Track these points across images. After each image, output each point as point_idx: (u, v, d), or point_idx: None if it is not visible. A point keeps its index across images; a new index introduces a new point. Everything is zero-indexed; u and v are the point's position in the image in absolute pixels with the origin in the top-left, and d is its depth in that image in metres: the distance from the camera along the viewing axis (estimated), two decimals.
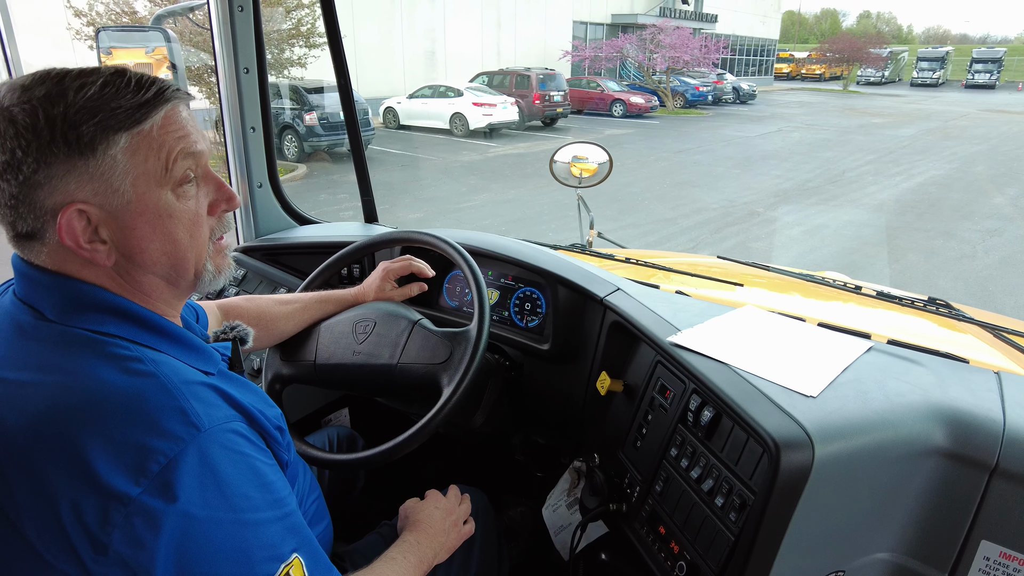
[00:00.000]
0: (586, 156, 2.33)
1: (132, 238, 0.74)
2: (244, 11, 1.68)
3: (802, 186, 10.87)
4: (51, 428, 0.65)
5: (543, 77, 18.13)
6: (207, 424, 0.68)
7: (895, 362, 1.12)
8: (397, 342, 1.23)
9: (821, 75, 44.11)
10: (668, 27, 24.46)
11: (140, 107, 0.72)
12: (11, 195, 0.69)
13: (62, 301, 0.73)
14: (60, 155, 0.68)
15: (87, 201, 0.71)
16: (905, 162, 13.34)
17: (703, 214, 8.93)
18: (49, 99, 0.68)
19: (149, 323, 0.77)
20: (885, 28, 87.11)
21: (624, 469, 1.24)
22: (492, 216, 8.94)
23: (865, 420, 0.94)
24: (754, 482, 0.92)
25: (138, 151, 0.72)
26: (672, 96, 23.96)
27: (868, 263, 6.93)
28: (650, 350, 1.23)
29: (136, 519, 0.62)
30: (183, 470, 0.65)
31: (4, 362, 0.71)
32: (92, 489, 0.63)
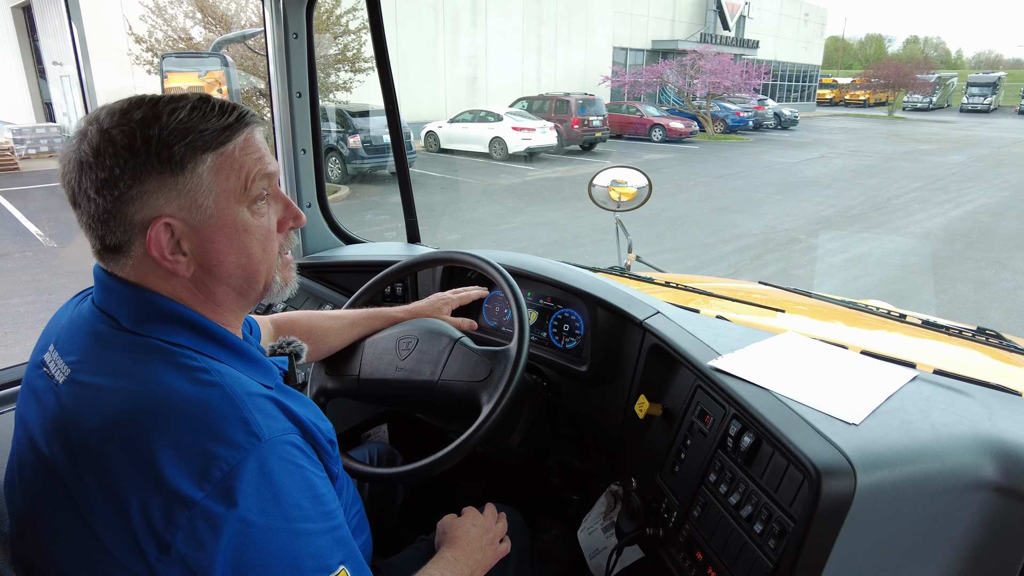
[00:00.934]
0: (625, 180, 2.35)
1: (211, 251, 0.79)
2: (298, 38, 1.76)
3: (845, 213, 10.67)
4: (123, 431, 0.69)
5: (582, 102, 18.25)
6: (267, 435, 0.71)
7: (941, 392, 1.10)
8: (438, 359, 1.26)
9: (865, 101, 43.39)
10: (709, 53, 24.40)
11: (224, 130, 0.78)
12: (104, 210, 0.75)
13: (137, 311, 0.78)
14: (153, 172, 0.74)
15: (173, 215, 0.76)
16: (954, 189, 12.99)
17: (743, 240, 8.82)
18: (145, 122, 0.74)
19: (216, 336, 0.81)
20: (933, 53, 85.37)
21: (661, 494, 1.23)
22: (530, 238, 8.99)
23: (909, 450, 0.92)
24: (794, 509, 0.91)
25: (221, 170, 0.78)
26: (712, 121, 23.83)
27: (914, 292, 6.74)
28: (690, 374, 1.23)
29: (199, 522, 0.65)
30: (243, 478, 0.68)
31: (82, 367, 0.76)
32: (159, 491, 0.66)
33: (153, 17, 11.86)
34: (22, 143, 14.77)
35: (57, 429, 0.74)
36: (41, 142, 15.27)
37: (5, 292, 6.50)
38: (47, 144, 15.34)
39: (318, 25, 12.36)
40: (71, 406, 0.74)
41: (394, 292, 1.81)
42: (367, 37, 14.03)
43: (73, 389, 0.75)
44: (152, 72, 11.70)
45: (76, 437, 0.72)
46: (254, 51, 2.36)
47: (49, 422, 0.75)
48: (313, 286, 1.90)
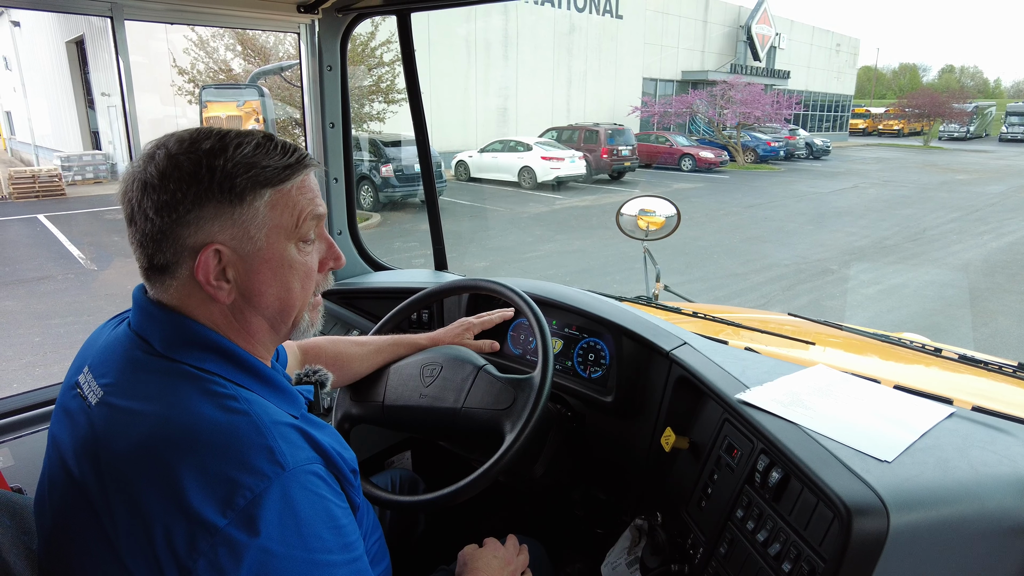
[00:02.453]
0: (653, 209, 2.35)
1: (254, 281, 0.82)
2: (333, 70, 1.81)
3: (879, 244, 10.47)
4: (151, 456, 0.71)
5: (611, 132, 18.35)
6: (291, 464, 0.72)
7: (980, 430, 1.06)
8: (462, 386, 1.26)
9: (899, 131, 42.79)
10: (739, 83, 24.42)
11: (285, 168, 0.82)
12: (160, 230, 0.77)
13: (172, 336, 0.80)
14: (213, 200, 0.78)
15: (225, 243, 0.79)
16: (994, 220, 12.68)
17: (774, 270, 8.71)
18: (212, 152, 0.78)
19: (246, 364, 0.83)
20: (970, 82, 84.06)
21: (687, 529, 1.20)
22: (557, 266, 9.00)
23: (946, 490, 0.89)
24: (824, 549, 0.88)
25: (276, 206, 0.81)
26: (743, 151, 23.73)
27: (952, 326, 6.55)
28: (717, 407, 1.21)
29: (220, 549, 0.66)
30: (266, 506, 0.68)
31: (115, 390, 0.78)
32: (183, 516, 0.67)
33: (196, 50, 12.32)
34: (69, 170, 15.37)
35: (88, 450, 0.76)
36: (87, 169, 15.87)
37: (47, 313, 6.71)
38: (92, 171, 15.94)
39: (353, 57, 12.71)
40: (102, 428, 0.76)
41: (420, 319, 1.82)
42: (400, 69, 14.35)
43: (105, 412, 0.77)
44: (193, 102, 12.11)
45: (106, 459, 0.73)
46: (290, 82, 2.44)
47: (80, 443, 0.77)
48: (341, 312, 1.92)
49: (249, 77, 2.36)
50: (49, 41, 19.10)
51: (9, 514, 0.88)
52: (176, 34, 12.72)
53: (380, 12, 1.78)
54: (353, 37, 1.91)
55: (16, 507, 0.90)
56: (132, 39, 1.42)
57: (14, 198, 13.57)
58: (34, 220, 11.50)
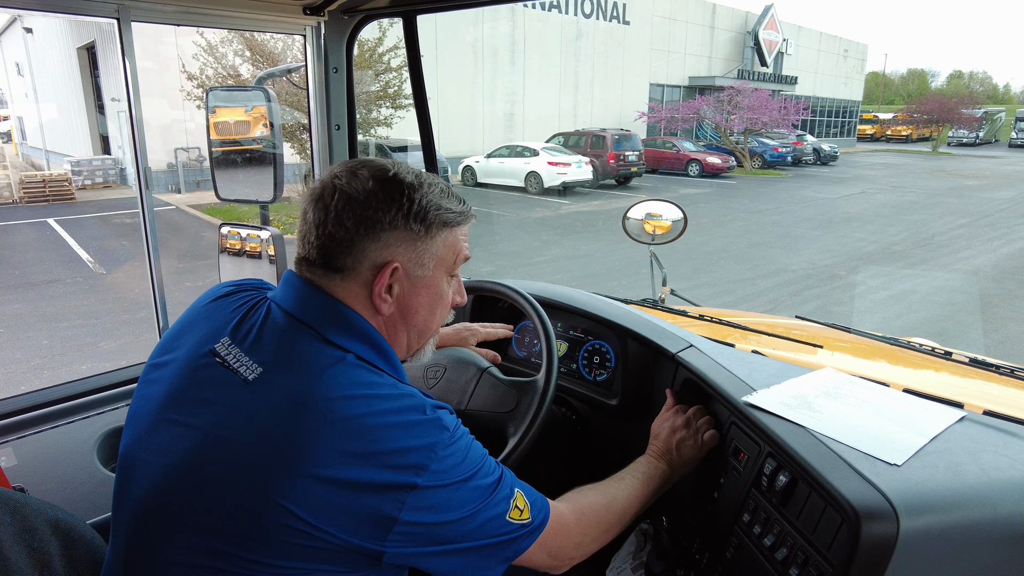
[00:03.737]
0: (660, 213, 2.33)
1: (413, 301, 0.95)
2: (338, 73, 1.81)
3: (887, 249, 10.42)
4: (346, 431, 0.79)
5: (618, 137, 18.36)
6: (451, 425, 0.87)
7: (992, 434, 1.05)
8: (465, 389, 1.25)
9: (908, 136, 42.64)
10: (746, 89, 24.41)
11: (460, 215, 0.97)
12: (349, 238, 0.89)
13: (338, 324, 0.89)
14: (406, 227, 0.91)
15: (402, 264, 0.91)
16: (1004, 226, 12.60)
17: (781, 275, 8.67)
18: (412, 187, 0.92)
19: (392, 359, 0.95)
20: (979, 88, 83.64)
21: (693, 534, 1.19)
22: (563, 271, 8.99)
23: (957, 494, 0.88)
24: (832, 553, 0.87)
25: (447, 243, 0.96)
26: (750, 157, 23.69)
27: (961, 331, 6.50)
28: (724, 410, 1.20)
29: (421, 494, 0.80)
30: (446, 459, 0.83)
31: (280, 368, 0.84)
32: (384, 482, 0.78)
33: (205, 55, 12.40)
34: (79, 174, 15.49)
35: (247, 422, 0.81)
36: (96, 174, 15.99)
37: (55, 316, 6.75)
38: (102, 176, 16.06)
39: (360, 62, 12.77)
40: (269, 404, 0.81)
41: None
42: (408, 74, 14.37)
43: (269, 389, 0.82)
44: (201, 107, 12.18)
45: (277, 435, 0.79)
46: (296, 85, 2.44)
47: (234, 414, 0.82)
48: None
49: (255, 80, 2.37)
50: (60, 47, 19.28)
51: (10, 512, 0.88)
52: (185, 38, 12.81)
53: (386, 14, 1.78)
54: (361, 42, 1.91)
55: (17, 505, 0.90)
56: (142, 44, 1.43)
57: (24, 202, 13.69)
58: (44, 224, 11.60)
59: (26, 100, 22.57)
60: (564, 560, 0.98)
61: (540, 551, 0.93)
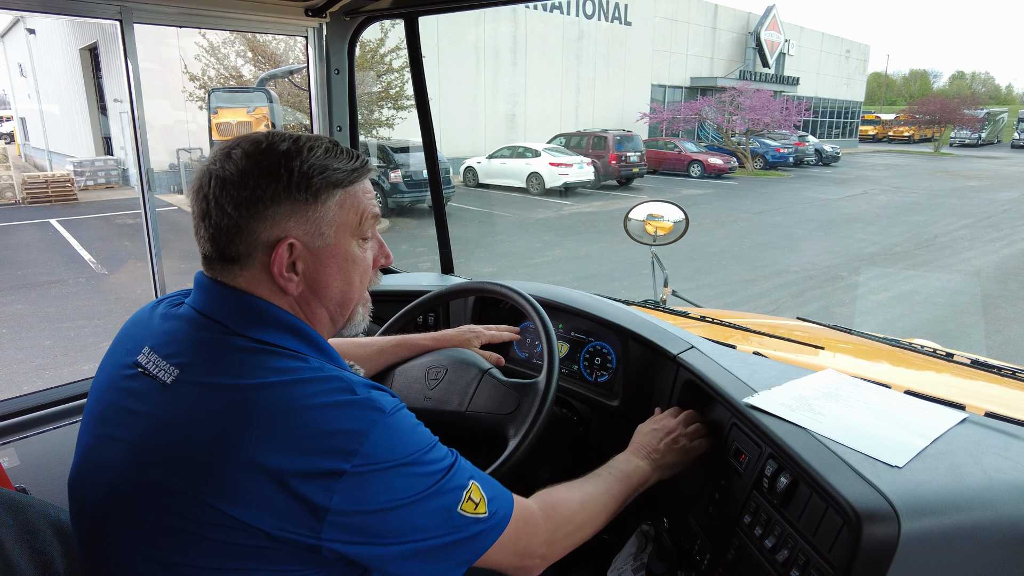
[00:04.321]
0: (661, 214, 2.33)
1: (321, 274, 0.88)
2: (340, 74, 1.81)
3: (889, 250, 10.41)
4: (263, 422, 0.75)
5: (620, 138, 18.35)
6: (388, 407, 0.80)
7: (993, 436, 1.04)
8: (466, 390, 1.25)
9: (910, 137, 42.57)
10: (748, 90, 24.37)
11: (353, 172, 0.89)
12: (236, 224, 0.83)
13: (249, 318, 0.84)
14: (290, 198, 0.84)
15: (298, 238, 0.85)
16: (1006, 227, 12.58)
17: (783, 276, 8.66)
18: (290, 155, 0.85)
19: (316, 342, 0.89)
20: (981, 88, 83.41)
21: (694, 535, 1.19)
22: (565, 272, 8.99)
23: (959, 496, 0.87)
24: (833, 555, 0.86)
25: (344, 205, 0.88)
26: (752, 157, 23.66)
27: (964, 332, 6.49)
28: (725, 411, 1.19)
29: (351, 480, 0.74)
30: (377, 442, 0.76)
31: (197, 368, 0.80)
32: (311, 469, 0.73)
33: (207, 57, 12.42)
34: (81, 175, 15.52)
35: (170, 427, 0.78)
36: (99, 174, 16.01)
37: (57, 316, 6.76)
38: (104, 176, 16.08)
39: (362, 63, 12.79)
40: (184, 405, 0.78)
41: (426, 322, 1.82)
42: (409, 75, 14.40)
43: (185, 390, 0.79)
44: (203, 108, 12.22)
45: (203, 433, 0.76)
46: (298, 86, 2.46)
47: (157, 420, 0.79)
48: None
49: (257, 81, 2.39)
50: (63, 48, 19.32)
51: (12, 513, 0.88)
52: (187, 39, 12.84)
53: (388, 16, 1.78)
54: (363, 43, 1.91)
55: (20, 506, 0.90)
56: (144, 45, 1.43)
57: (27, 203, 13.71)
58: (46, 224, 11.61)
59: (29, 101, 22.62)
60: (535, 560, 0.94)
61: (505, 551, 0.87)
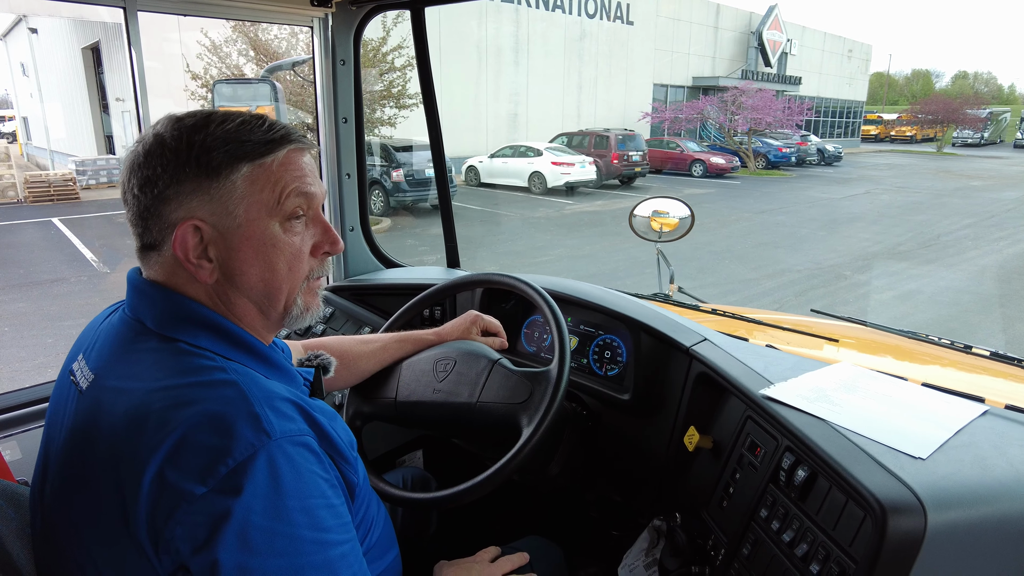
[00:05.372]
0: (667, 211, 2.31)
1: (236, 260, 0.79)
2: (346, 65, 1.79)
3: (893, 250, 10.37)
4: (133, 430, 0.69)
5: (622, 137, 18.32)
6: (278, 433, 0.70)
7: (1017, 428, 1.02)
8: (477, 380, 1.23)
9: (912, 137, 42.48)
10: (750, 89, 24.33)
11: (266, 143, 0.80)
12: (145, 207, 0.77)
13: (163, 313, 0.79)
14: (191, 175, 0.76)
15: (204, 219, 0.77)
16: (1010, 226, 12.54)
17: (786, 276, 8.63)
18: (195, 128, 0.78)
19: (239, 339, 0.82)
20: (984, 88, 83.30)
21: (708, 530, 1.17)
22: (568, 271, 8.97)
23: (986, 488, 0.85)
24: (854, 549, 0.84)
25: (256, 181, 0.79)
26: (754, 157, 23.62)
27: (969, 331, 6.46)
28: (739, 404, 1.17)
29: (198, 517, 0.64)
30: (249, 474, 0.66)
31: (105, 372, 0.77)
32: (161, 486, 0.66)
33: (209, 55, 12.41)
34: (84, 174, 15.51)
35: (79, 435, 0.75)
36: (101, 173, 16.00)
37: (59, 315, 6.75)
38: (106, 175, 16.07)
39: (364, 61, 12.77)
40: (91, 411, 0.75)
41: (432, 315, 1.80)
42: (412, 74, 14.46)
43: (95, 394, 0.76)
44: (206, 106, 12.21)
45: (94, 440, 0.72)
46: (303, 78, 2.44)
47: (71, 429, 0.77)
48: (353, 308, 1.90)
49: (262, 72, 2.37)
50: (65, 47, 19.32)
51: (14, 506, 0.87)
52: (189, 35, 12.83)
53: (394, 5, 1.76)
54: (365, 42, 1.89)
55: (21, 499, 0.89)
56: (145, 43, 1.40)
57: (29, 201, 13.71)
58: (48, 223, 11.61)
59: (31, 100, 22.62)
60: None
61: None
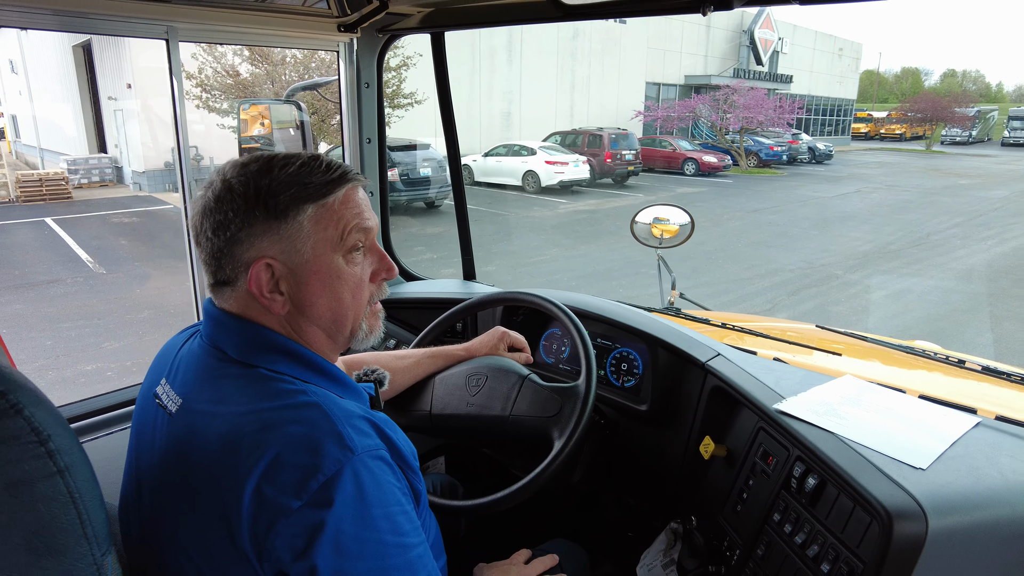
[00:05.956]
0: (667, 217, 2.41)
1: (305, 292, 0.87)
2: (370, 88, 1.87)
3: (883, 249, 10.52)
4: (229, 451, 0.77)
5: (615, 136, 18.41)
6: (360, 449, 0.77)
7: (1006, 439, 1.12)
8: (509, 395, 1.32)
9: (902, 135, 42.82)
10: (742, 88, 24.47)
11: (327, 184, 0.87)
12: (218, 248, 0.85)
13: (243, 342, 0.86)
14: (260, 218, 0.84)
15: (275, 258, 0.85)
16: (997, 225, 12.73)
17: (779, 275, 8.76)
18: (259, 173, 0.85)
19: (313, 363, 0.89)
20: (972, 87, 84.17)
21: (723, 532, 1.26)
22: (563, 271, 9.04)
23: (980, 496, 0.95)
24: (862, 551, 0.93)
25: (320, 220, 0.86)
26: (746, 155, 23.78)
27: (957, 331, 6.60)
28: (752, 416, 1.26)
29: (296, 529, 0.72)
30: (338, 488, 0.73)
31: (196, 396, 0.84)
32: (260, 503, 0.73)
33: (204, 55, 12.40)
34: (76, 173, 15.44)
35: (173, 455, 0.82)
36: (93, 172, 15.94)
37: (57, 316, 6.76)
38: (98, 174, 16.01)
39: None
40: (184, 433, 0.82)
41: (454, 329, 1.88)
42: (406, 74, 14.45)
43: (186, 418, 0.83)
44: (200, 107, 12.21)
45: (190, 460, 0.80)
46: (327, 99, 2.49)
47: (164, 450, 0.84)
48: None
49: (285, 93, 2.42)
50: (56, 45, 19.18)
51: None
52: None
53: (416, 31, 1.84)
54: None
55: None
56: (139, 42, 1.46)
57: (21, 201, 13.64)
58: (41, 223, 11.56)
59: (20, 98, 22.45)
60: None
61: None
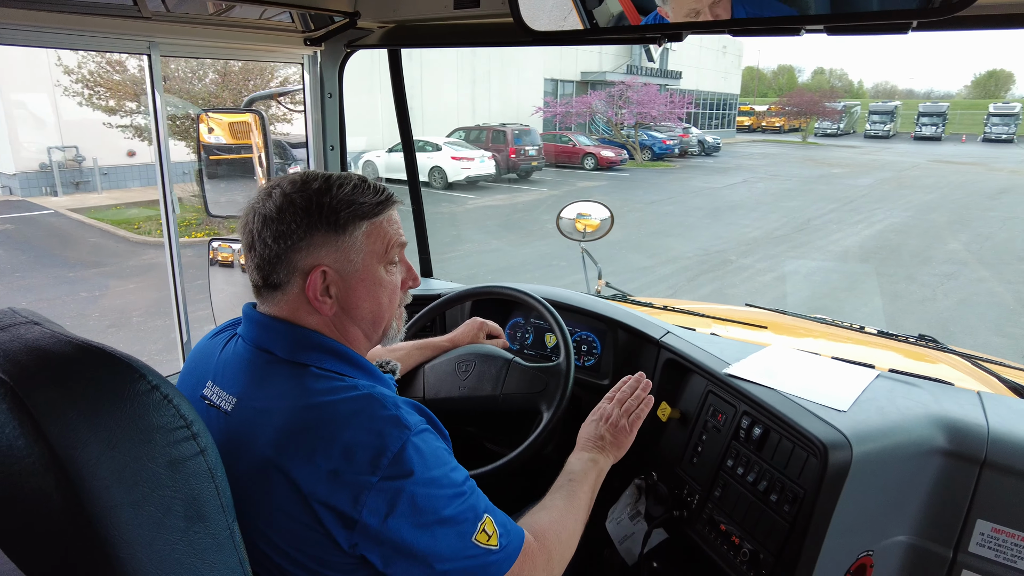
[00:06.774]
0: (589, 213, 2.67)
1: (352, 296, 1.00)
2: (332, 98, 1.97)
3: (770, 234, 11.41)
4: (300, 439, 0.87)
5: (518, 132, 18.76)
6: (414, 426, 0.90)
7: (899, 386, 1.42)
8: (498, 376, 1.49)
9: (781, 127, 45.89)
10: (635, 84, 25.47)
11: (377, 205, 1.01)
12: (277, 254, 0.96)
13: (292, 344, 0.97)
14: (321, 230, 0.96)
15: (330, 266, 0.97)
16: (865, 210, 14.05)
17: (679, 262, 9.34)
18: (320, 192, 0.98)
19: (354, 360, 1.01)
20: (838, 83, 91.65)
21: (682, 482, 1.49)
22: (478, 266, 9.19)
23: (886, 427, 1.23)
24: (802, 480, 1.19)
25: (371, 235, 1.00)
26: (640, 150, 24.81)
27: (837, 306, 7.33)
28: (701, 381, 1.50)
29: (379, 496, 0.84)
30: (405, 459, 0.86)
31: (251, 395, 0.94)
32: (342, 482, 0.84)
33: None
34: None
35: (236, 445, 0.90)
36: None
37: None
38: None
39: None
40: (243, 429, 0.91)
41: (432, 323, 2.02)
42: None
43: (244, 415, 0.92)
44: (84, 104, 11.40)
45: (253, 453, 0.88)
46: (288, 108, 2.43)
47: (225, 443, 0.90)
48: None
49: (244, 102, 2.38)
50: None
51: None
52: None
53: (375, 47, 1.96)
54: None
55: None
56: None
57: None
58: None
59: None
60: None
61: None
